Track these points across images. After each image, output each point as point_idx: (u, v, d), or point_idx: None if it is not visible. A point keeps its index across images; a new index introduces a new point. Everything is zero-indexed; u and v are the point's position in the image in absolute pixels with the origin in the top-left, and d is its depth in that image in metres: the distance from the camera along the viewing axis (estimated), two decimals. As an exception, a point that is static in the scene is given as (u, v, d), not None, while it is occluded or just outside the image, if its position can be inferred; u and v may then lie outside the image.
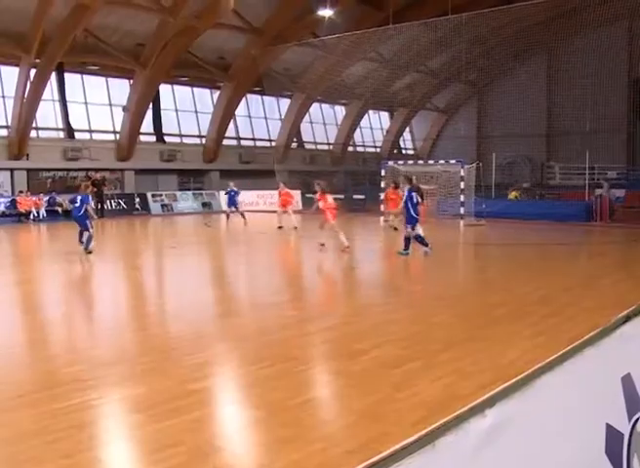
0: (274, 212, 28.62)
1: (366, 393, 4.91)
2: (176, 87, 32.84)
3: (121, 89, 30.20)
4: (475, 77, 39.14)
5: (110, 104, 30.35)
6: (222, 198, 30.53)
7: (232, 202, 24.01)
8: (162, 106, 31.87)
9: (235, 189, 24.18)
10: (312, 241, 18.41)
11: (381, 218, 23.65)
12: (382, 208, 23.64)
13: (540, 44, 31.27)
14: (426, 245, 13.28)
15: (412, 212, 13.26)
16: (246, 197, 29.94)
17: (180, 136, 33.39)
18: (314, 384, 5.44)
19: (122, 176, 30.68)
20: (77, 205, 14.13)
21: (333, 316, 7.85)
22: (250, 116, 36.98)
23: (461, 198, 23.29)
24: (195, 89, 33.93)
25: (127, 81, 29.93)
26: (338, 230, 14.63)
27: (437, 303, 8.68)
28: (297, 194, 32.84)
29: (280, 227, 21.38)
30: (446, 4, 25.38)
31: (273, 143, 37.14)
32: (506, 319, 7.51)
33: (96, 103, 29.85)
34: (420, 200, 13.54)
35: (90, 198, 14.74)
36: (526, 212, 23.53)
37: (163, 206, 29.29)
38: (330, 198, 14.98)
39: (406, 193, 13.30)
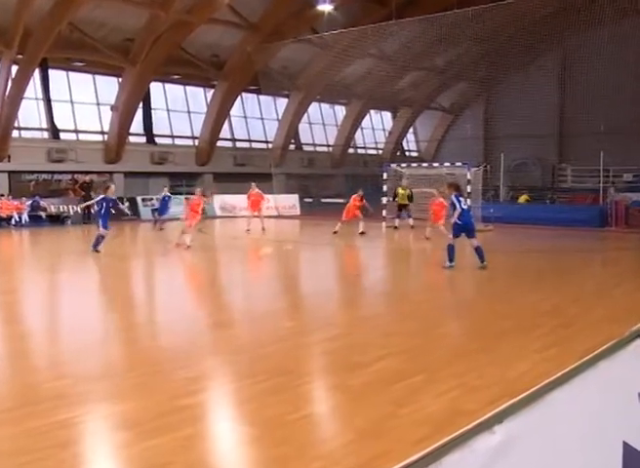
0: (270, 217, 28.63)
1: (367, 409, 4.90)
2: (167, 85, 32.90)
3: (109, 87, 30.20)
4: (483, 74, 39.18)
5: (98, 103, 30.36)
6: (217, 202, 30.60)
7: (165, 209, 23.61)
8: (153, 106, 31.93)
9: (169, 194, 23.93)
10: (300, 247, 18.39)
11: (383, 224, 23.64)
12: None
13: (553, 38, 31.09)
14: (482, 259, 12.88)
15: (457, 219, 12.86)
16: (241, 201, 29.98)
17: (172, 137, 33.43)
18: (312, 399, 5.42)
19: (110, 180, 30.68)
20: (97, 206, 15.81)
21: (332, 326, 7.84)
22: (245, 116, 37.05)
23: (468, 202, 23.31)
24: (188, 87, 34.00)
25: (115, 79, 29.91)
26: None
27: (442, 314, 8.68)
28: (294, 198, 32.97)
29: (248, 230, 21.50)
30: (451, -2, 25.48)
31: (270, 145, 37.21)
32: (515, 330, 7.50)
33: (82, 102, 29.83)
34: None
35: (109, 199, 15.86)
36: (536, 216, 23.58)
37: (153, 210, 29.24)
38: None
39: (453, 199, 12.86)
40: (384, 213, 24.48)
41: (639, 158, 33.39)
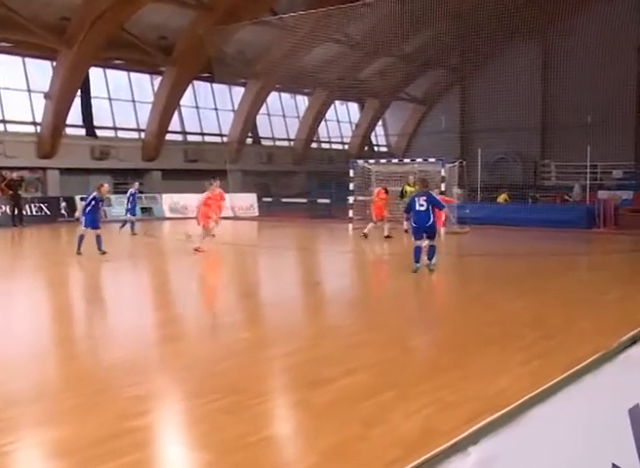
0: (225, 218, 28.48)
1: (332, 429, 4.90)
2: (109, 71, 32.52)
3: (42, 72, 29.64)
4: (458, 62, 39.68)
5: (29, 90, 29.85)
6: (166, 202, 30.38)
7: (134, 208, 23.11)
8: (92, 94, 31.51)
9: (136, 191, 23.34)
10: (257, 251, 18.39)
11: (350, 226, 23.73)
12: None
13: (535, 20, 31.28)
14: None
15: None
16: (193, 201, 29.77)
17: (115, 129, 33.08)
18: (272, 419, 5.41)
19: (44, 177, 30.24)
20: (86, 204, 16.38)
21: (293, 339, 7.83)
22: (197, 107, 36.88)
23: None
24: (132, 74, 33.69)
25: (49, 63, 29.42)
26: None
27: (414, 324, 8.72)
28: (252, 198, 32.92)
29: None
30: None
31: (225, 139, 37.08)
32: (494, 342, 7.57)
33: (10, 88, 29.27)
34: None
35: (99, 197, 16.50)
36: (517, 217, 23.85)
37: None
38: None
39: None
40: (351, 213, 24.56)
41: (630, 153, 33.88)
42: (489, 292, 11.57)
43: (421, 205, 13.14)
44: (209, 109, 37.40)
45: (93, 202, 16.23)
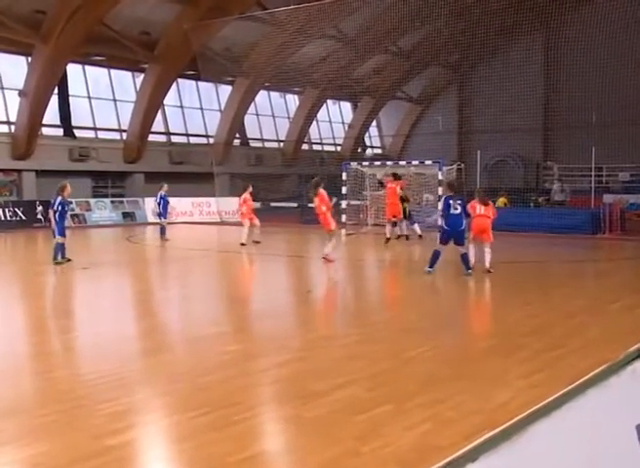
0: (214, 223, 28.53)
1: (324, 445, 4.88)
2: (88, 68, 32.46)
3: (16, 68, 29.55)
4: (456, 59, 39.84)
5: (2, 87, 29.77)
6: (149, 206, 30.34)
7: (166, 212, 23.16)
8: (70, 92, 31.45)
9: (166, 194, 23.26)
10: (251, 259, 18.39)
11: (342, 231, 23.73)
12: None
13: (537, 15, 31.36)
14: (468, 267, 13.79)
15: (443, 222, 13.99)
16: (178, 206, 29.79)
17: (95, 129, 33.03)
18: (261, 435, 5.39)
19: (19, 179, 30.12)
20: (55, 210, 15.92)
21: (284, 350, 7.81)
22: (182, 106, 36.90)
23: (439, 206, 23.46)
24: (113, 71, 33.64)
25: (24, 58, 29.34)
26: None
27: (411, 335, 8.71)
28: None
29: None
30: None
31: (211, 140, 37.09)
32: (496, 353, 7.58)
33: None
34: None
35: (65, 201, 16.09)
36: (518, 222, 23.85)
37: (73, 216, 28.80)
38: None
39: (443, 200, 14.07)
40: (344, 218, 24.56)
41: (637, 154, 33.80)
42: (490, 300, 11.59)
43: (456, 208, 13.70)
44: (194, 109, 37.44)
45: (60, 207, 15.79)
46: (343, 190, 25.20)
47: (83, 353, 8.10)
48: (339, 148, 44.53)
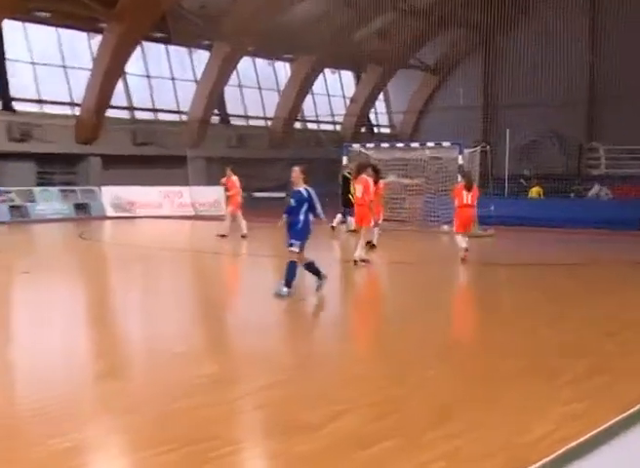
0: (187, 217, 28.52)
1: (318, 489, 4.86)
2: (30, 26, 32.03)
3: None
4: (481, 19, 39.67)
5: None
6: (107, 196, 30.32)
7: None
8: (8, 56, 31.09)
9: None
10: (232, 260, 18.37)
11: (343, 227, 23.71)
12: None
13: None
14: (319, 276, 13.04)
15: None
16: (143, 196, 29.77)
17: (40, 102, 32.88)
18: (241, 477, 5.36)
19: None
20: None
21: (270, 372, 7.78)
22: (148, 76, 36.79)
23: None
24: (62, 31, 33.33)
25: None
26: None
27: (424, 352, 8.68)
28: (218, 192, 32.84)
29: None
30: None
31: (184, 117, 37.03)
32: (526, 377, 7.55)
33: None
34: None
35: None
36: (556, 216, 23.86)
37: (12, 208, 28.65)
38: None
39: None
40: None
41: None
42: (519, 312, 11.55)
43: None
44: (163, 79, 37.31)
45: None
46: (341, 177, 25.20)
47: (21, 378, 8.03)
48: (338, 128, 44.53)
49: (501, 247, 21.05)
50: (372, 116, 47.09)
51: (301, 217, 12.53)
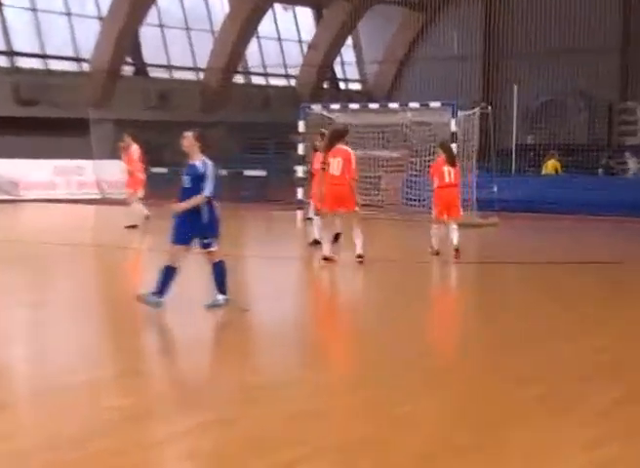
0: (90, 201, 28.37)
1: None
2: None
3: None
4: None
5: None
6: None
7: None
8: None
9: None
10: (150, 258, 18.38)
11: (299, 214, 23.73)
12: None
13: None
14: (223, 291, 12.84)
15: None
16: (31, 173, 29.54)
17: None
18: None
19: None
20: None
21: (202, 406, 7.74)
22: (35, 9, 36.38)
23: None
24: None
25: None
26: None
27: (406, 380, 8.68)
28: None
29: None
30: None
31: (86, 66, 36.78)
32: (542, 407, 7.57)
33: None
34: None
35: None
36: (578, 199, 23.97)
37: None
38: None
39: None
40: (300, 194, 24.54)
41: None
42: (530, 324, 11.59)
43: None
44: (55, 14, 36.98)
45: None
46: (300, 149, 25.21)
47: None
48: (293, 82, 44.52)
49: (506, 239, 21.17)
50: (337, 68, 47.10)
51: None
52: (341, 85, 47.19)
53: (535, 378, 8.48)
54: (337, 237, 18.79)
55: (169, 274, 12.12)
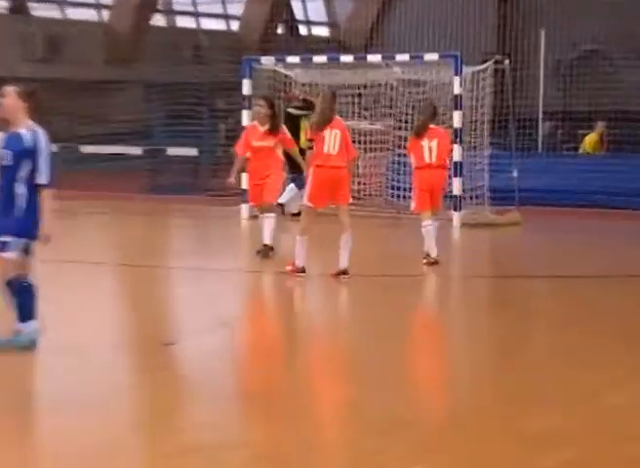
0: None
1: None
2: None
3: None
4: None
5: None
6: None
7: None
8: None
9: None
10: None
11: (243, 208, 23.84)
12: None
13: None
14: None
15: None
16: None
17: None
18: None
19: None
20: None
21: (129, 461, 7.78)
22: None
23: (456, 153, 23.44)
24: None
25: None
26: None
27: (395, 443, 8.74)
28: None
29: None
30: None
31: None
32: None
33: None
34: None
35: None
36: (628, 187, 24.12)
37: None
38: None
39: None
40: (245, 182, 24.64)
41: None
42: (564, 358, 11.69)
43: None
44: None
45: None
46: (245, 119, 25.28)
47: None
48: (235, 26, 44.68)
49: (529, 242, 21.28)
50: (296, 4, 47.23)
51: (23, 189, 11.31)
52: (302, 29, 47.29)
53: (564, 437, 8.52)
54: (266, 251, 18.90)
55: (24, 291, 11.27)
